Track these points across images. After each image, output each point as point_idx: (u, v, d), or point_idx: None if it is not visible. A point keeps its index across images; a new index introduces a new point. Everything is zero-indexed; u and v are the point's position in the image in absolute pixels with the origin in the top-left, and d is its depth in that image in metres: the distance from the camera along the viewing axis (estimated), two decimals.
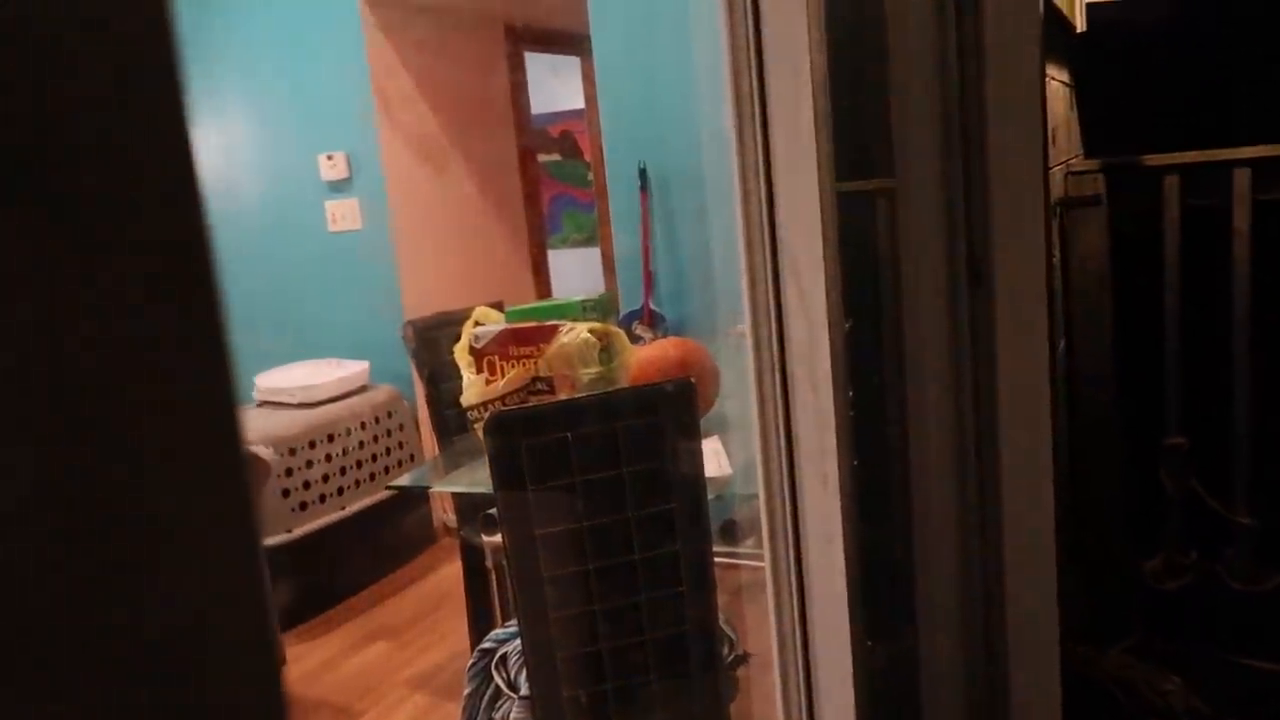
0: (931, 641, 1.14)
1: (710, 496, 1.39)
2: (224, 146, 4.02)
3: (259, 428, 3.23)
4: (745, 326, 1.07)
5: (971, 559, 1.18)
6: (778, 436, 0.99)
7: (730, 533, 1.55)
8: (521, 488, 1.39)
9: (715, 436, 1.79)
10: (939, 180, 1.19)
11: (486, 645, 1.61)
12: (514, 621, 1.57)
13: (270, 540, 3.06)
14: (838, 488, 0.91)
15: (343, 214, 3.81)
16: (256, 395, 3.60)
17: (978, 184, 1.18)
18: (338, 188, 3.80)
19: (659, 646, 1.34)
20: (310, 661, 2.99)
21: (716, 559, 1.39)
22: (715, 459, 1.64)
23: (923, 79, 1.16)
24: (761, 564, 1.04)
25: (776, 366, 1.03)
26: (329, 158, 3.76)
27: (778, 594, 0.95)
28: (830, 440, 0.94)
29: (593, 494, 1.40)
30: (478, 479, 1.91)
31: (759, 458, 0.99)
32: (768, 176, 1.04)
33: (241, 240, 4.06)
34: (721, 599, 1.43)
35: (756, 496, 1.03)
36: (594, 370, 1.88)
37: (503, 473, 1.37)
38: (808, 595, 0.94)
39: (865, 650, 0.99)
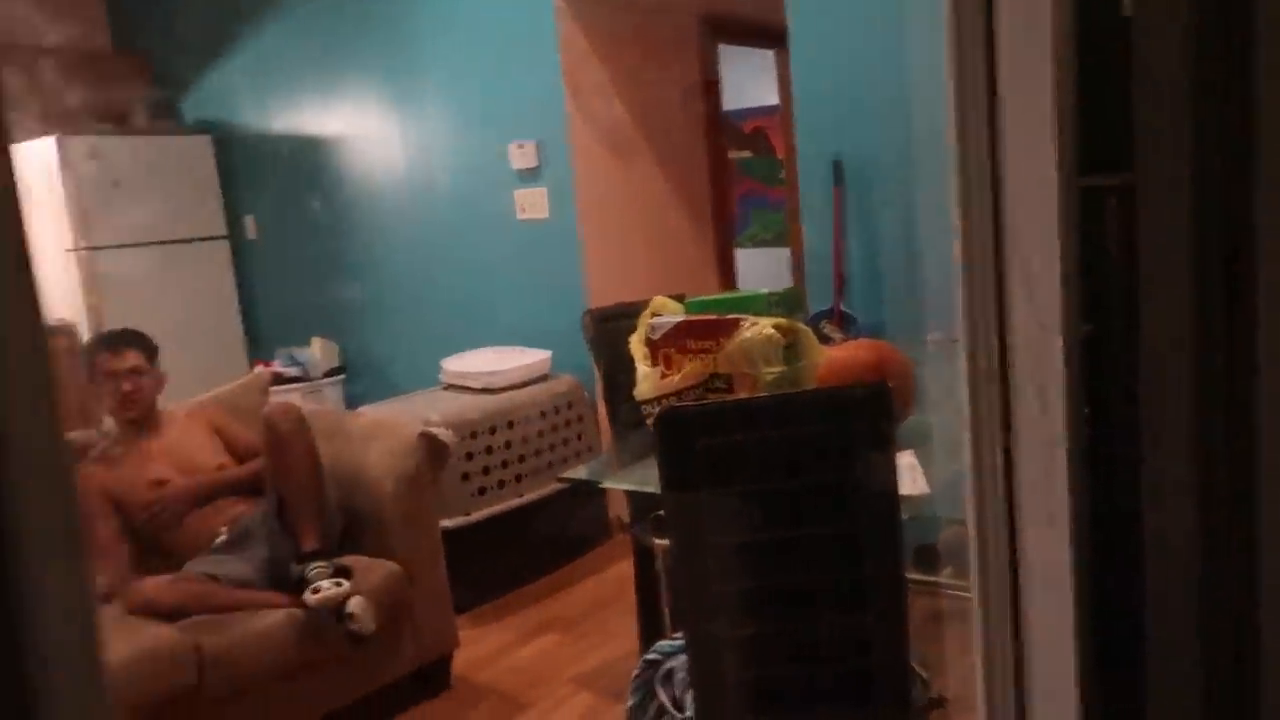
0: (1172, 705, 0.96)
1: (904, 517, 1.24)
2: (422, 136, 4.14)
3: (443, 410, 3.29)
4: (957, 330, 0.93)
5: (1220, 608, 0.99)
6: (993, 459, 0.85)
7: (926, 559, 1.40)
8: (691, 491, 1.29)
9: (910, 451, 1.62)
10: (1192, 175, 1.00)
11: (652, 656, 1.53)
12: (681, 634, 1.48)
13: (447, 523, 3.10)
14: (1068, 527, 0.76)
15: (531, 202, 3.84)
16: (443, 378, 3.68)
17: (1243, 179, 0.98)
18: (526, 177, 3.83)
19: (841, 680, 1.21)
20: (483, 647, 3.01)
21: (910, 586, 1.25)
22: (910, 475, 1.49)
23: (1173, 55, 0.98)
24: (964, 594, 0.90)
25: (994, 376, 0.88)
26: (519, 146, 3.80)
27: (987, 643, 0.81)
28: (1061, 468, 0.79)
29: (771, 504, 1.29)
30: (650, 477, 1.83)
31: (969, 483, 0.85)
32: (994, 168, 0.90)
33: (435, 227, 4.18)
34: (914, 630, 1.28)
35: (960, 523, 0.89)
36: (777, 369, 1.76)
37: (672, 473, 1.28)
38: (1025, 646, 0.80)
39: (1095, 712, 0.83)
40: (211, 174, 4.85)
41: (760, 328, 1.76)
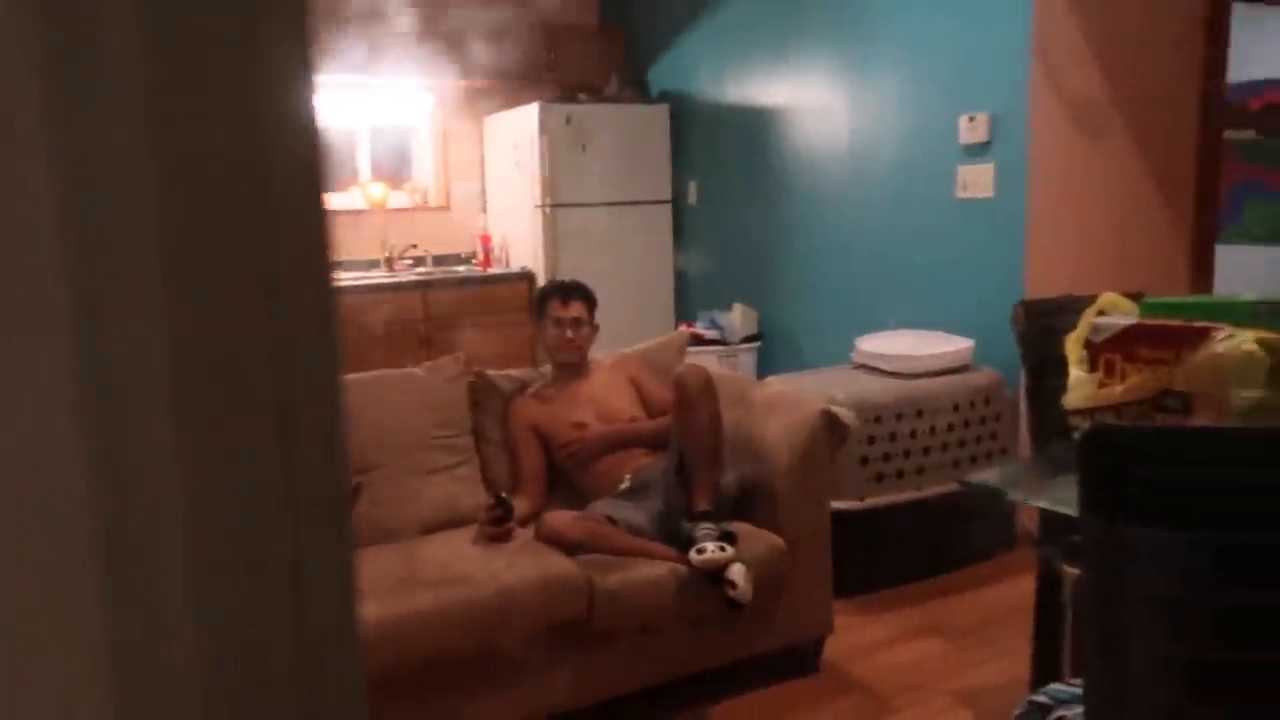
0: None
1: None
2: (867, 108, 4.01)
3: (850, 390, 3.19)
4: None
5: None
6: None
7: None
8: (1118, 526, 1.07)
9: None
10: None
11: (1041, 699, 1.32)
12: (1080, 682, 1.26)
13: (839, 505, 3.01)
14: None
15: (974, 180, 3.56)
16: (855, 357, 3.57)
17: None
18: (974, 152, 3.55)
19: None
20: (859, 637, 2.90)
21: None
22: None
23: None
24: None
25: None
26: (970, 119, 3.53)
27: None
28: None
29: (1235, 561, 1.03)
30: (1069, 498, 1.59)
31: None
32: None
33: (869, 202, 4.05)
34: None
35: None
36: (1255, 394, 1.43)
37: (1094, 501, 1.07)
38: None
39: None
40: (665, 141, 5.14)
41: (1238, 341, 1.44)
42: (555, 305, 2.82)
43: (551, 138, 4.80)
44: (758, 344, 4.61)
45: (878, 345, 3.49)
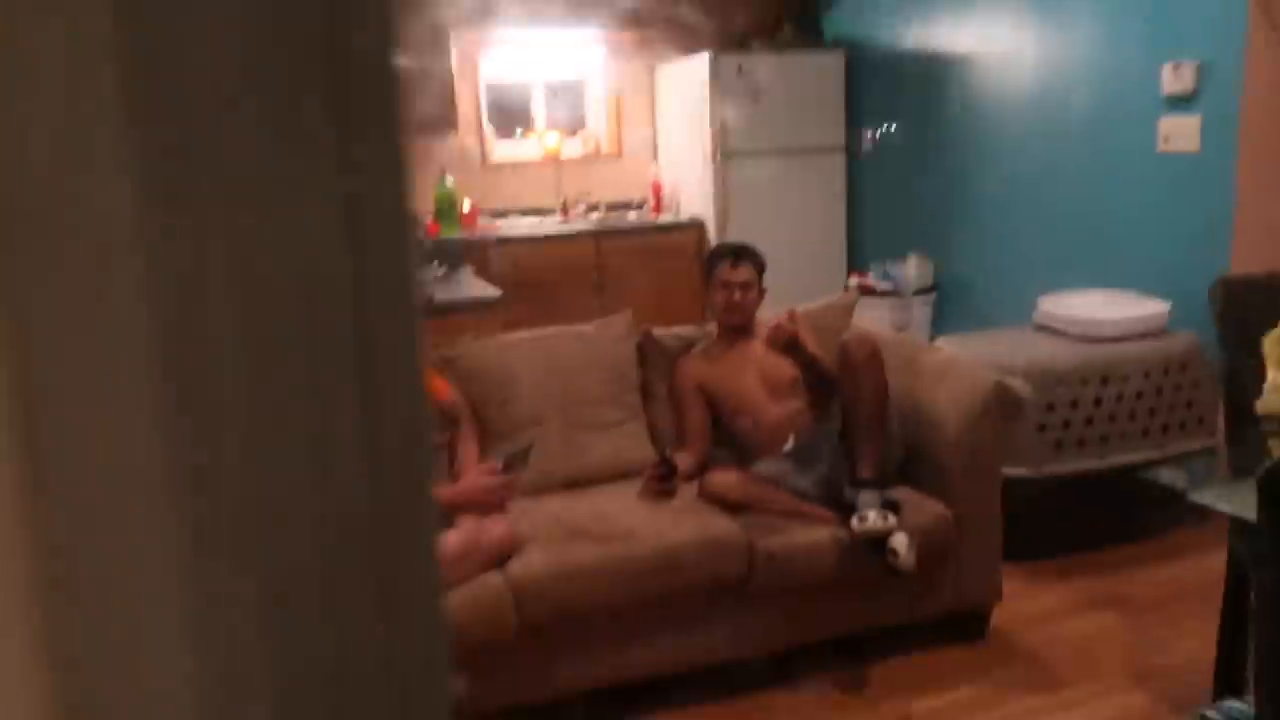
0: None
1: None
2: (1060, 55, 3.76)
3: (1030, 353, 3.07)
4: None
5: None
6: None
7: None
8: None
9: None
10: None
11: (1211, 715, 1.27)
12: (1249, 700, 1.20)
13: (1013, 471, 2.92)
14: None
15: (1178, 133, 3.30)
16: (1037, 317, 3.41)
17: None
18: (1177, 103, 3.28)
19: None
20: (1029, 605, 2.82)
21: None
22: None
23: None
24: None
25: None
26: (1174, 67, 3.25)
27: None
28: None
29: None
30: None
31: None
32: None
33: (1057, 153, 3.82)
34: None
35: None
36: None
37: (1273, 547, 1.01)
38: None
39: None
40: (839, 89, 4.99)
41: None
42: (724, 268, 2.84)
43: (723, 88, 4.76)
44: (933, 295, 4.47)
45: (1063, 306, 3.33)
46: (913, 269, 4.42)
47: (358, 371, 0.34)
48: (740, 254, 2.86)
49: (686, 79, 5.00)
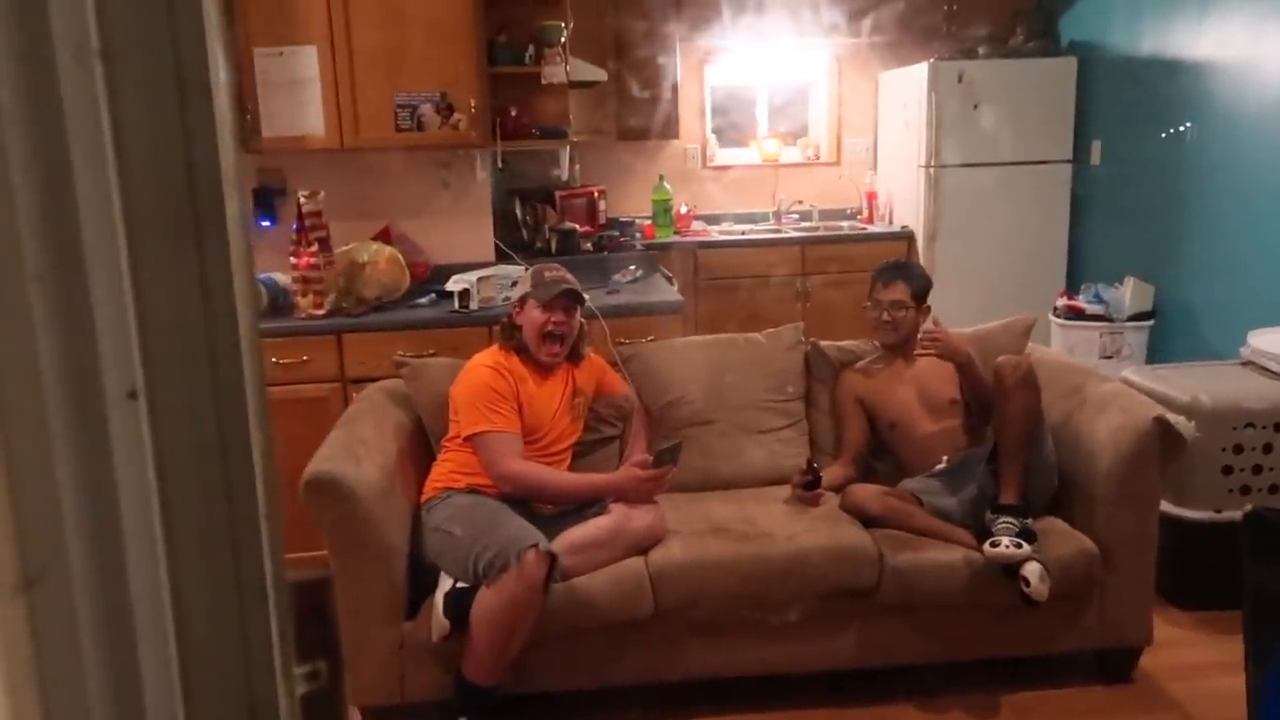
0: None
1: None
2: None
3: (1219, 391, 2.90)
4: None
5: None
6: None
7: None
8: None
9: None
10: None
11: None
12: None
13: (1191, 513, 2.79)
14: None
15: None
16: (1244, 353, 3.20)
17: None
18: None
19: None
20: (1185, 655, 2.69)
21: None
22: None
23: None
24: None
25: None
26: None
27: None
28: None
29: None
30: None
31: None
32: None
33: None
34: None
35: None
36: None
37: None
38: None
39: None
40: (1069, 97, 4.80)
41: None
42: (877, 287, 2.91)
43: (940, 96, 4.71)
44: (1149, 322, 4.23)
45: (1273, 342, 3.10)
46: (1128, 293, 4.20)
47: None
48: (892, 274, 2.90)
49: (906, 86, 4.99)
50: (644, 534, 2.55)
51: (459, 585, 2.38)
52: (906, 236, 5.01)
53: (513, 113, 3.88)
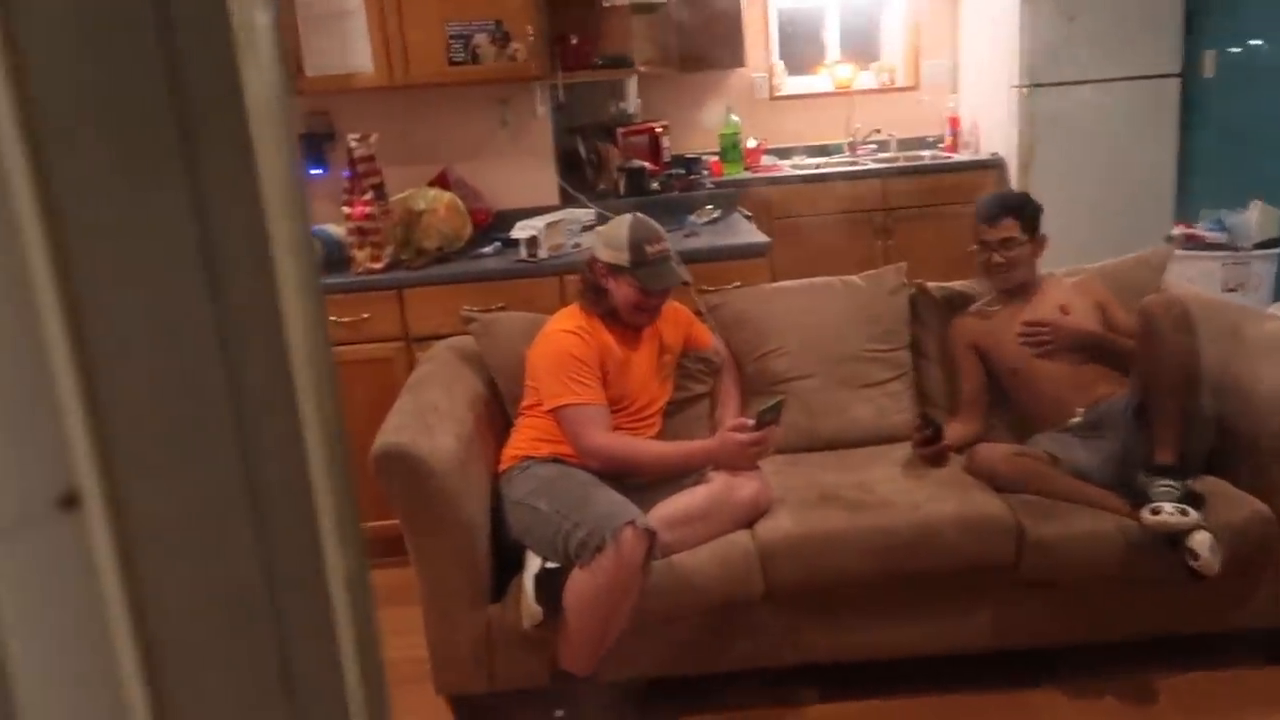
0: None
1: None
2: None
3: None
4: None
5: None
6: None
7: None
8: None
9: None
10: None
11: None
12: None
13: None
14: None
15: None
16: None
17: None
18: None
19: None
20: None
21: None
22: None
23: None
24: None
25: None
26: None
27: None
28: None
29: None
30: None
31: None
32: None
33: None
34: None
35: None
36: None
37: None
38: None
39: None
40: (1176, 3, 4.34)
41: None
42: (981, 228, 2.58)
43: (1033, 8, 4.29)
44: (1278, 250, 3.84)
45: None
46: (1254, 218, 3.81)
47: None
48: (995, 210, 2.56)
49: (994, 5, 4.57)
50: (748, 504, 2.29)
51: (548, 565, 2.15)
52: (996, 164, 4.62)
53: (573, 41, 3.56)
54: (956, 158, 4.84)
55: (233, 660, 0.30)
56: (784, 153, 5.01)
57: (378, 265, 3.03)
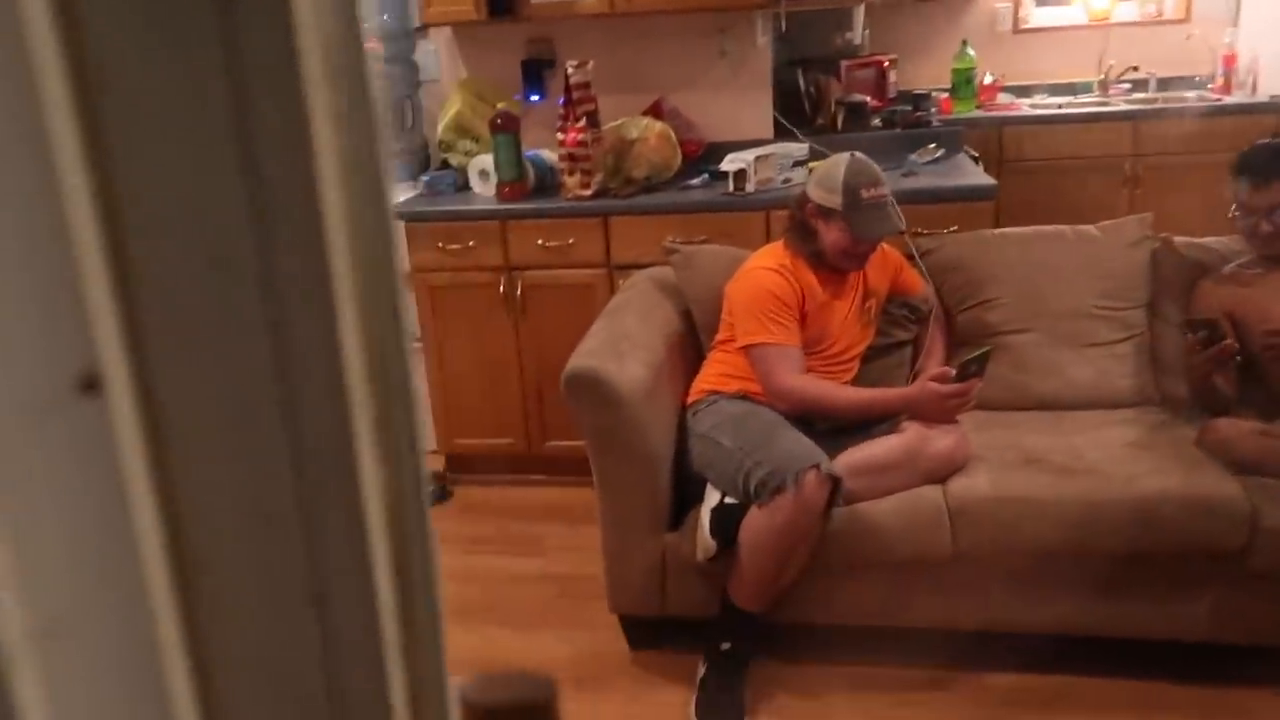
0: None
1: None
2: None
3: None
4: None
5: None
6: None
7: None
8: None
9: None
10: None
11: None
12: None
13: None
14: None
15: None
16: None
17: None
18: None
19: None
20: None
21: None
22: None
23: None
24: None
25: None
26: None
27: None
28: None
29: None
30: None
31: None
32: None
33: None
34: None
35: None
36: None
37: None
38: None
39: None
40: None
41: None
42: (1247, 190, 2.25)
43: None
44: None
45: None
46: None
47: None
48: (1262, 168, 2.23)
49: None
50: (943, 459, 2.17)
51: (727, 500, 2.14)
52: (1276, 109, 4.08)
53: None
54: (1228, 100, 4.31)
55: (262, 567, 0.30)
56: (1023, 90, 4.64)
57: (586, 192, 3.07)
